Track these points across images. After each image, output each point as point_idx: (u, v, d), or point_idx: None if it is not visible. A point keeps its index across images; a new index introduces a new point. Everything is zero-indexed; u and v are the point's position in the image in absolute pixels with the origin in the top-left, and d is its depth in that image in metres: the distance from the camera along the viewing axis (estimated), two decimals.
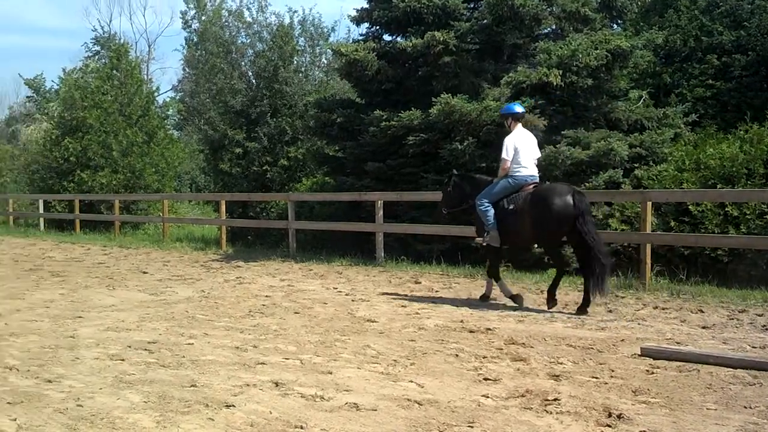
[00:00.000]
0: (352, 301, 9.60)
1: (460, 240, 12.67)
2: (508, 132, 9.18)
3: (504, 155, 8.96)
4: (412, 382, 5.63)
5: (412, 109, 13.46)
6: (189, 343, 7.07)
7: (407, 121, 13.31)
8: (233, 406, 5.06)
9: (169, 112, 41.09)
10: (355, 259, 13.67)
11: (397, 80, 14.59)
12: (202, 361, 6.33)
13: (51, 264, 14.51)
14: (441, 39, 13.47)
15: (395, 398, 5.21)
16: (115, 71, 28.53)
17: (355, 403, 5.07)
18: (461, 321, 8.07)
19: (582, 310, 8.46)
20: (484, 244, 9.22)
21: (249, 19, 24.18)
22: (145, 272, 13.02)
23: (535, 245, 10.29)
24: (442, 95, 12.84)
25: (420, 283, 10.97)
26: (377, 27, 15.55)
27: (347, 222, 14.55)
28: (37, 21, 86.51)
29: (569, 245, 9.42)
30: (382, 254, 13.39)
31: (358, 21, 15.53)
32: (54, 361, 6.40)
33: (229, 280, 11.75)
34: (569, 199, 8.42)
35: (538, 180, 9.13)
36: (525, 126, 9.57)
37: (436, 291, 10.31)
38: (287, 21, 22.72)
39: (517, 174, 8.95)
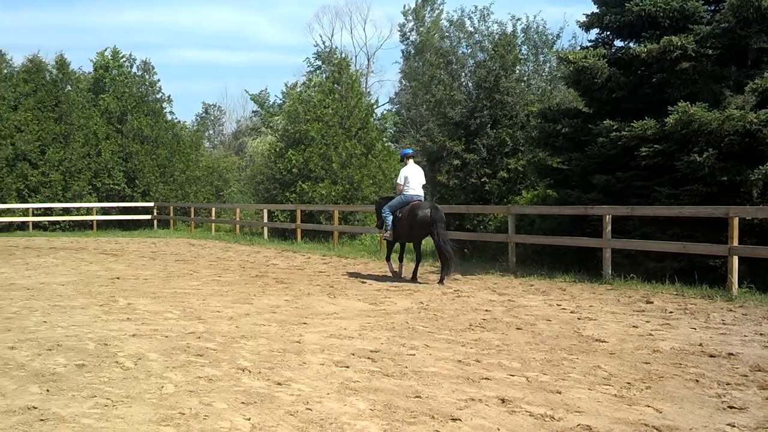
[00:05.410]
0: (578, 319, 9.18)
1: (698, 258, 11.83)
2: (403, 166, 13.82)
3: (399, 181, 13.78)
4: (648, 406, 5.35)
5: (645, 118, 12.74)
6: (411, 354, 7.08)
7: (640, 131, 12.62)
8: (459, 419, 5.01)
9: (386, 125, 42.15)
10: (579, 275, 13.12)
11: (629, 88, 13.88)
12: (425, 373, 6.30)
13: (275, 271, 15.12)
14: (678, 44, 12.72)
15: (631, 423, 4.95)
16: (336, 85, 29.61)
17: (588, 426, 4.87)
18: (700, 344, 7.55)
19: (441, 282, 12.74)
20: (385, 239, 14.19)
21: (470, 29, 24.10)
22: (363, 282, 13.26)
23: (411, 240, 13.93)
24: (679, 103, 12.08)
25: (652, 303, 10.31)
26: (608, 32, 14.96)
27: (572, 237, 14.00)
28: (264, 39, 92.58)
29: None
30: (610, 271, 12.73)
31: (587, 27, 15.00)
32: (282, 365, 6.60)
33: (447, 293, 11.68)
34: (428, 212, 12.85)
35: (422, 198, 13.63)
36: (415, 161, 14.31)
37: (670, 312, 9.62)
38: (510, 29, 22.46)
39: (406, 193, 13.51)
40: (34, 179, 31.39)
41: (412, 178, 13.55)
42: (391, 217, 13.58)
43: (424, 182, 13.97)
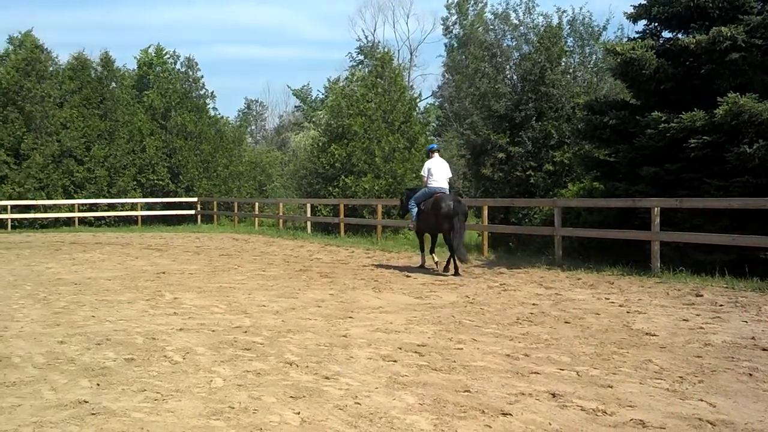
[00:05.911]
0: (627, 312, 9.05)
1: (748, 251, 11.57)
2: (428, 159, 14.65)
3: (423, 173, 14.43)
4: (702, 400, 5.26)
5: (694, 109, 12.49)
6: (458, 348, 7.05)
7: (689, 122, 12.37)
8: (510, 414, 4.98)
9: (429, 119, 42.05)
10: (627, 268, 12.91)
11: (677, 79, 13.63)
12: (473, 367, 6.27)
13: (319, 265, 15.14)
14: (728, 34, 12.45)
15: (685, 417, 4.88)
16: (379, 79, 29.57)
17: (641, 420, 4.81)
18: (752, 338, 7.40)
19: (456, 274, 13.10)
20: (409, 229, 16.24)
21: (515, 22, 23.80)
22: (408, 276, 13.25)
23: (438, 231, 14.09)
24: (729, 94, 11.81)
25: (702, 296, 10.11)
26: (656, 24, 14.70)
27: (619, 230, 13.77)
28: (306, 34, 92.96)
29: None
30: (658, 264, 12.51)
31: (634, 18, 14.75)
32: (330, 359, 6.61)
33: (493, 287, 11.58)
34: (451, 204, 13.18)
35: (446, 191, 14.00)
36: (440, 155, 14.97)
37: (721, 305, 9.43)
38: (555, 21, 22.15)
39: (430, 185, 14.05)
40: (79, 175, 31.88)
41: (436, 171, 14.12)
42: (416, 209, 14.16)
43: (450, 175, 14.48)
